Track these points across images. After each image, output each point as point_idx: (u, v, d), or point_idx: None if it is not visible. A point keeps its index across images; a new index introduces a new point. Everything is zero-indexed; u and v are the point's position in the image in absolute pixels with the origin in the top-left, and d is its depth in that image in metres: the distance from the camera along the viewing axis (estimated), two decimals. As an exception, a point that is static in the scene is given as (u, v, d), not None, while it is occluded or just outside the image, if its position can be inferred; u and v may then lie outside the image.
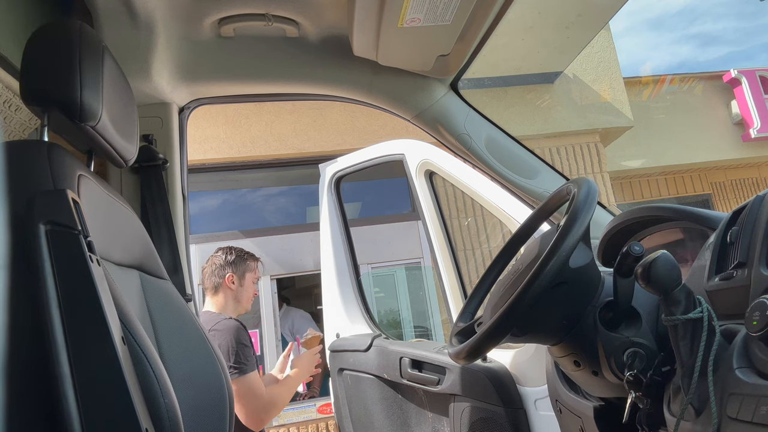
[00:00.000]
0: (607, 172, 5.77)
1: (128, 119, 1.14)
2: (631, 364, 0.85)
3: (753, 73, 7.12)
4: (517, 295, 0.84)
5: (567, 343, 0.95)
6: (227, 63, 1.57)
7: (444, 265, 2.00)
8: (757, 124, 6.99)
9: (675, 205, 1.09)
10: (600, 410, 1.10)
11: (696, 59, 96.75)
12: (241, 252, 2.33)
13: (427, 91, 1.59)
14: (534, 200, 1.58)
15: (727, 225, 0.84)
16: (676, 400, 0.78)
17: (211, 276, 2.27)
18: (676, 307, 0.74)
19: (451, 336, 1.12)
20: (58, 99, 0.92)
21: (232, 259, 2.28)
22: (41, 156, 0.87)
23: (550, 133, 5.64)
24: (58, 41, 0.95)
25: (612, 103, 5.90)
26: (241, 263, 2.29)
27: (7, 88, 1.28)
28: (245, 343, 2.05)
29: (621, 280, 0.88)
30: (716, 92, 7.27)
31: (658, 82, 7.03)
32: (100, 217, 0.97)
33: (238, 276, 2.26)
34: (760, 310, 0.63)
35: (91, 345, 0.75)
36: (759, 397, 0.61)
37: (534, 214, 1.16)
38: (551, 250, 0.83)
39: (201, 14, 1.41)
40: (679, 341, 0.74)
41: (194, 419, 1.09)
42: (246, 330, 2.11)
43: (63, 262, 0.76)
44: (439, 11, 1.25)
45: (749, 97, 7.05)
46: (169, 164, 1.58)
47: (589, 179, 0.94)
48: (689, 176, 7.55)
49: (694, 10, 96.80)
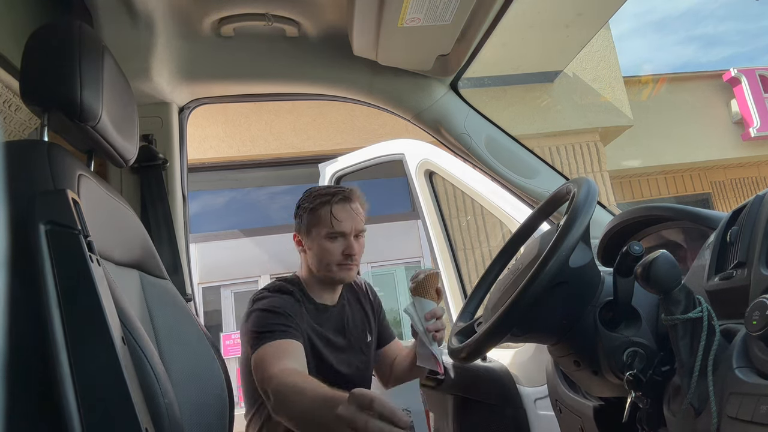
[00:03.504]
0: (606, 171, 5.78)
1: (128, 119, 1.14)
2: (631, 363, 0.85)
3: (753, 72, 7.13)
4: (517, 294, 0.84)
5: (567, 342, 0.95)
6: (227, 63, 1.57)
7: (444, 265, 2.01)
8: (756, 123, 7.00)
9: (675, 205, 1.09)
10: (600, 410, 1.10)
11: (698, 60, 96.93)
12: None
13: (427, 91, 1.59)
14: (534, 200, 1.58)
15: (727, 225, 0.84)
16: (675, 399, 0.78)
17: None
18: (675, 306, 0.74)
19: (450, 336, 1.12)
20: (58, 99, 0.92)
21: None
22: (41, 156, 0.87)
23: (550, 132, 5.64)
24: (58, 41, 0.95)
25: (612, 102, 5.91)
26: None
27: (7, 88, 1.28)
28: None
29: (621, 279, 0.88)
30: (716, 91, 7.28)
31: (658, 81, 7.04)
32: (100, 217, 0.97)
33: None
34: (760, 309, 0.63)
35: (91, 345, 0.75)
36: (759, 396, 0.61)
37: (534, 214, 1.16)
38: (551, 250, 0.83)
39: (201, 14, 1.41)
40: (679, 341, 0.74)
41: (194, 419, 1.09)
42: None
43: (63, 262, 0.76)
44: (439, 11, 1.25)
45: (749, 96, 7.06)
46: (169, 164, 1.59)
47: (588, 179, 0.94)
48: (689, 175, 7.55)
49: (698, 13, 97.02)
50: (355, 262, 1.52)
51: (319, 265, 1.51)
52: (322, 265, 1.51)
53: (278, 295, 1.45)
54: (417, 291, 1.45)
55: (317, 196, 1.52)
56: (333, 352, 1.52)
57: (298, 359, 1.30)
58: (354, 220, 1.50)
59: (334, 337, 1.55)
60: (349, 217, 1.49)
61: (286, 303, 1.44)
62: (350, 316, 1.62)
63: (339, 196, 1.50)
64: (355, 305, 1.67)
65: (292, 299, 1.46)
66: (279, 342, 1.31)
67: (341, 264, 1.49)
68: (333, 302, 1.59)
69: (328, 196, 1.51)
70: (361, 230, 1.52)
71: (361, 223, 1.53)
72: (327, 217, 1.48)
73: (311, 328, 1.49)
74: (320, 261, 1.51)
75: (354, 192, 1.55)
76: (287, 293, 1.47)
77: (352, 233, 1.50)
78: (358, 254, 1.52)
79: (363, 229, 1.54)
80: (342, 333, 1.58)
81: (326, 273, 1.51)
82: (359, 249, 1.52)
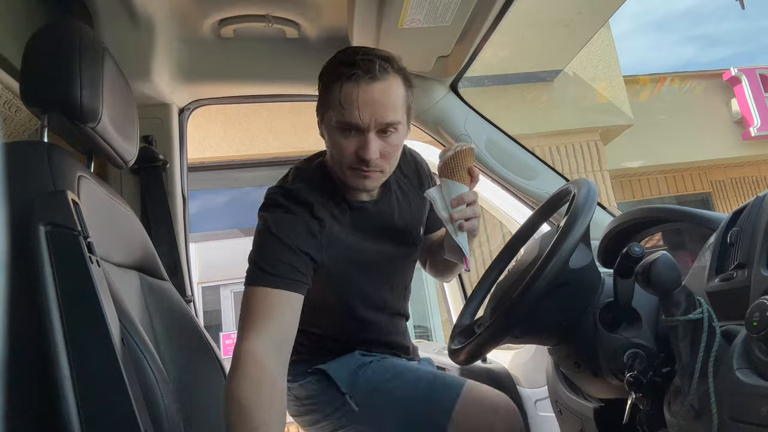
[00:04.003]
0: (607, 170, 5.77)
1: (128, 120, 1.14)
2: (632, 365, 0.85)
3: (753, 72, 7.12)
4: (517, 296, 0.84)
5: (567, 344, 0.95)
6: (227, 64, 1.57)
7: (444, 265, 2.00)
8: (757, 123, 6.99)
9: (675, 206, 1.09)
10: (600, 411, 1.10)
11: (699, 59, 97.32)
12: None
13: (427, 92, 1.59)
14: (534, 201, 1.58)
15: (728, 226, 0.84)
16: (676, 401, 0.78)
17: None
18: (676, 308, 0.74)
19: (451, 336, 1.12)
20: (58, 100, 0.92)
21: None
22: (41, 157, 0.87)
23: (550, 131, 5.64)
24: (58, 42, 0.95)
25: (612, 101, 5.90)
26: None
27: (7, 89, 1.28)
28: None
29: (621, 281, 0.88)
30: (716, 91, 7.27)
31: (658, 80, 7.03)
32: (100, 218, 0.97)
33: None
34: (761, 311, 0.63)
35: (91, 346, 0.75)
36: (759, 397, 0.61)
37: (534, 215, 1.16)
38: (551, 251, 0.83)
39: (201, 15, 1.41)
40: (680, 342, 0.74)
41: (194, 420, 1.09)
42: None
43: (63, 263, 0.76)
44: (439, 12, 1.25)
45: (749, 95, 7.04)
46: (169, 165, 1.58)
47: (588, 180, 0.94)
48: (689, 175, 7.54)
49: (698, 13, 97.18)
50: (375, 168, 1.10)
51: (332, 161, 1.16)
52: (335, 163, 1.14)
53: (291, 210, 1.11)
54: (444, 171, 1.15)
55: (333, 65, 1.10)
56: (369, 264, 1.23)
57: (281, 324, 1.01)
58: (374, 107, 1.04)
59: (374, 243, 1.21)
60: (365, 102, 1.04)
61: (297, 224, 1.10)
62: (397, 213, 1.26)
63: (355, 70, 1.04)
64: (404, 195, 1.29)
65: (307, 214, 1.11)
66: (266, 292, 1.02)
67: (354, 168, 1.10)
68: (372, 197, 1.23)
69: (343, 67, 1.06)
70: (388, 123, 1.06)
71: (392, 113, 1.06)
72: (336, 99, 1.06)
73: (340, 240, 1.15)
74: (332, 157, 1.15)
75: (384, 64, 1.06)
76: (303, 204, 1.12)
77: (371, 127, 1.06)
78: (382, 158, 1.09)
79: (393, 121, 1.07)
80: (386, 236, 1.24)
81: (339, 175, 1.15)
82: (386, 150, 1.09)
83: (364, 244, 1.20)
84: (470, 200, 1.12)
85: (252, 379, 0.93)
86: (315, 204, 1.13)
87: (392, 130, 1.09)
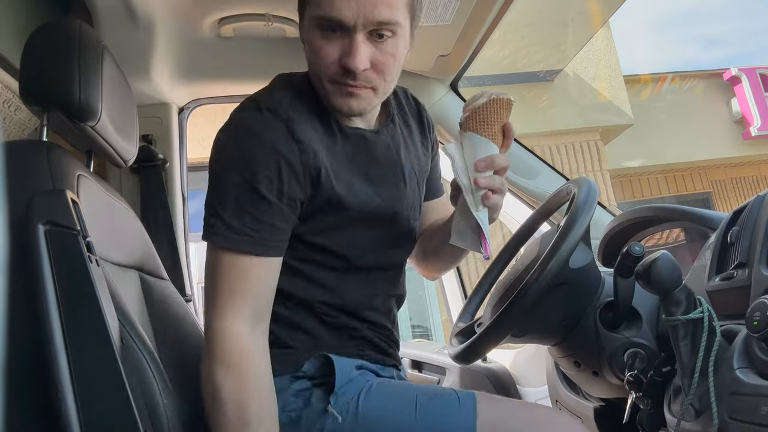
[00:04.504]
0: (607, 170, 5.77)
1: (128, 119, 1.14)
2: (632, 364, 0.85)
3: (753, 71, 7.11)
4: (517, 295, 0.84)
5: (567, 343, 0.95)
6: (227, 63, 1.57)
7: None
8: (757, 122, 6.99)
9: (675, 206, 1.09)
10: (600, 411, 1.10)
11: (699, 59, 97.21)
12: None
13: (427, 92, 1.59)
14: (534, 200, 1.58)
15: (728, 225, 0.84)
16: (676, 400, 0.78)
17: None
18: (676, 307, 0.74)
19: (451, 336, 1.12)
20: (58, 99, 0.92)
21: None
22: (40, 156, 0.87)
23: (550, 131, 5.64)
24: (57, 41, 0.95)
25: (612, 101, 5.90)
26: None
27: (7, 88, 1.28)
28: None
29: (621, 280, 0.88)
30: (716, 90, 7.27)
31: (658, 80, 7.03)
32: (100, 217, 0.97)
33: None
34: (761, 310, 0.63)
35: (90, 346, 0.75)
36: (759, 397, 0.61)
37: (534, 215, 1.16)
38: (551, 251, 0.83)
39: (201, 14, 1.41)
40: (680, 341, 0.74)
41: (194, 420, 1.08)
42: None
43: (62, 263, 0.76)
44: (439, 11, 1.25)
45: (749, 95, 7.04)
46: (168, 164, 1.58)
47: (589, 179, 0.94)
48: (689, 174, 7.54)
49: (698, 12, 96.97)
50: (364, 82, 0.84)
51: (312, 76, 0.90)
52: (315, 78, 0.89)
53: (262, 132, 0.84)
54: (470, 123, 0.88)
55: None
56: (371, 213, 0.94)
57: (262, 295, 0.85)
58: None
59: (374, 184, 0.94)
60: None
61: (274, 156, 0.83)
62: (404, 150, 1.00)
63: None
64: (409, 134, 1.04)
65: (290, 138, 0.84)
66: (243, 259, 0.83)
67: (336, 82, 0.85)
68: (370, 125, 0.96)
69: None
70: (381, 22, 0.81)
71: (386, 9, 0.81)
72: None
73: (335, 173, 0.89)
74: (311, 69, 0.90)
75: None
76: (283, 121, 0.86)
77: (359, 26, 0.80)
78: (374, 70, 0.84)
79: (388, 19, 0.81)
80: (392, 176, 0.97)
81: (320, 92, 0.89)
82: (378, 59, 0.83)
83: (362, 184, 0.92)
84: (501, 165, 0.87)
85: (239, 371, 0.80)
86: (295, 123, 0.86)
87: (388, 34, 0.83)
